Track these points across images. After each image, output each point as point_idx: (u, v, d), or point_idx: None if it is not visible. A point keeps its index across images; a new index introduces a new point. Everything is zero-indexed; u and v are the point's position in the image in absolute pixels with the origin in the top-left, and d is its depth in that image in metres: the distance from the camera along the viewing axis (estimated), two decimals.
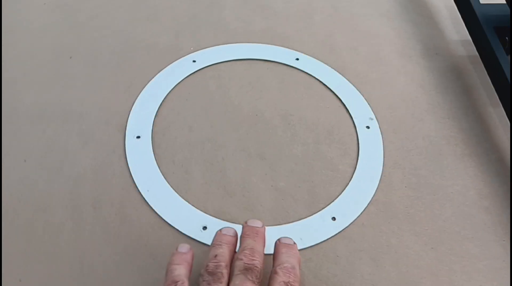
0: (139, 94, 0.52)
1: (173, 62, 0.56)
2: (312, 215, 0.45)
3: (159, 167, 0.47)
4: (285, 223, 0.45)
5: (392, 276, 0.42)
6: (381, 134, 0.52)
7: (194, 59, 0.56)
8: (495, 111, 0.55)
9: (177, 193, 0.46)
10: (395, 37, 0.63)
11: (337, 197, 0.47)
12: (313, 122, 0.52)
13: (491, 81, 0.54)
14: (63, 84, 0.53)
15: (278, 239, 0.40)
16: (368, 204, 0.46)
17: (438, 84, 0.58)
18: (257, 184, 0.47)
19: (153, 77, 0.54)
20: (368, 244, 0.44)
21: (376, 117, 0.53)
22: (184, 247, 0.38)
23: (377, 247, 0.43)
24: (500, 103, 0.52)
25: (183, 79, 0.54)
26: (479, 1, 0.57)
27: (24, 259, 0.41)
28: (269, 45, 0.59)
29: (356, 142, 0.51)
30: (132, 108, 0.51)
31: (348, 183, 0.48)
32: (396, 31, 0.64)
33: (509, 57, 0.53)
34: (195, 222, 0.44)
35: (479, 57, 0.57)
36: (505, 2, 0.57)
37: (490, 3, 0.57)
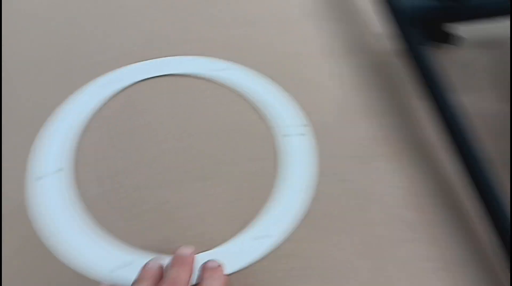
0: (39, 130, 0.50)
1: (92, 82, 0.53)
2: (241, 235, 0.44)
3: (84, 203, 0.45)
4: (213, 247, 0.43)
5: None
6: (312, 141, 0.51)
7: (118, 78, 0.54)
8: (420, 104, 0.55)
9: (93, 231, 0.43)
10: (320, 37, 0.62)
11: (268, 213, 0.46)
12: (239, 137, 0.51)
13: (413, 74, 0.53)
14: None
15: (202, 264, 0.39)
16: (301, 218, 0.46)
17: (367, 83, 0.57)
18: (180, 210, 0.45)
19: (63, 103, 0.51)
20: (303, 261, 0.43)
21: (306, 123, 0.53)
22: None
23: (313, 263, 0.43)
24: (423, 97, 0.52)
25: (105, 101, 0.52)
26: None
27: None
28: (187, 57, 0.57)
29: (285, 152, 0.50)
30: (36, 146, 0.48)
31: (279, 197, 0.47)
32: (322, 31, 0.63)
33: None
34: (115, 261, 0.41)
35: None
36: None
37: None
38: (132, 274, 0.39)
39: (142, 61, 0.56)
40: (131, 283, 0.37)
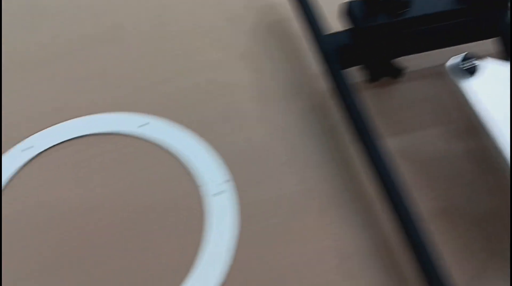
0: None
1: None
2: None
3: None
4: None
5: None
6: (235, 199, 0.47)
7: (24, 148, 0.50)
8: (356, 152, 0.50)
9: None
10: (253, 80, 0.58)
11: None
12: (156, 201, 0.47)
13: (343, 117, 0.49)
14: None
15: None
16: None
17: (300, 129, 0.53)
18: None
19: None
20: None
21: (231, 179, 0.48)
22: None
23: None
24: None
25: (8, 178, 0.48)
26: (321, 32, 0.53)
27: None
28: (103, 114, 0.53)
29: (202, 216, 0.46)
30: None
31: (192, 270, 0.42)
32: (255, 74, 0.58)
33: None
34: None
35: None
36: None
37: (335, 31, 0.53)
38: None
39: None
40: None
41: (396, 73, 0.56)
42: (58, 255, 0.43)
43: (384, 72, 0.56)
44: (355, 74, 0.53)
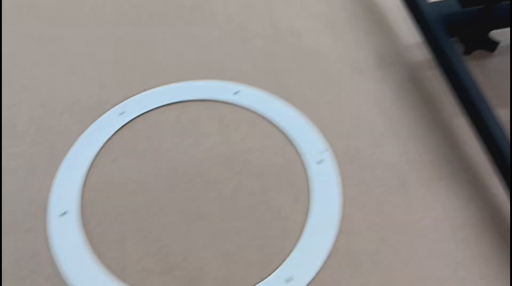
0: (61, 163, 0.47)
1: (98, 117, 0.50)
2: (266, 278, 0.40)
3: (90, 246, 0.41)
4: None
5: None
6: (336, 168, 0.46)
7: (123, 110, 0.51)
8: (461, 123, 0.49)
9: (113, 275, 0.40)
10: (344, 50, 0.57)
11: (291, 252, 0.41)
12: (258, 166, 0.47)
13: (449, 88, 0.48)
14: None
15: None
16: (327, 256, 0.41)
17: (396, 99, 0.52)
18: (201, 251, 0.41)
19: (76, 140, 0.48)
20: None
21: (329, 148, 0.48)
22: None
23: None
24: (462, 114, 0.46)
25: (110, 137, 0.49)
26: (426, 0, 0.51)
27: None
28: (204, 81, 0.53)
29: (307, 182, 0.45)
30: (55, 181, 0.45)
31: (302, 234, 0.42)
32: (344, 44, 0.58)
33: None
34: None
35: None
36: None
37: (438, 0, 0.51)
38: None
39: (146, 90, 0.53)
40: None
41: (493, 46, 0.55)
42: (160, 214, 0.44)
43: (479, 45, 0.55)
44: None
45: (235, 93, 0.52)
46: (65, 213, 0.43)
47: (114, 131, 0.49)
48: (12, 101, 0.52)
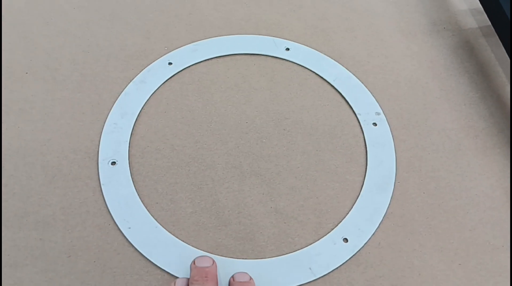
0: (109, 110, 0.45)
1: (145, 67, 0.48)
2: (320, 239, 0.40)
3: (140, 198, 0.41)
4: (290, 252, 0.39)
5: None
6: (391, 131, 0.45)
7: (170, 61, 0.49)
8: None
9: (164, 227, 0.39)
10: (396, 12, 0.55)
11: (347, 213, 0.41)
12: (311, 125, 0.46)
13: (509, 55, 0.47)
14: (19, 107, 0.45)
15: (232, 276, 0.36)
16: (382, 219, 0.41)
17: (449, 65, 0.51)
18: (254, 207, 0.41)
19: (123, 89, 0.46)
20: (387, 268, 0.38)
21: (383, 111, 0.47)
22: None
23: (398, 271, 0.38)
24: None
25: (158, 87, 0.47)
26: None
27: None
28: (254, 36, 0.52)
29: (363, 143, 0.45)
30: (104, 129, 0.44)
31: (358, 196, 0.42)
32: (396, 6, 0.56)
33: None
34: (188, 262, 0.38)
35: (492, 27, 0.50)
36: None
37: None
38: None
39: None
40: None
41: None
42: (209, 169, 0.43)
43: None
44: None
45: (286, 49, 0.51)
46: (115, 162, 0.42)
47: (163, 81, 0.47)
48: (52, 44, 0.50)
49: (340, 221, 0.40)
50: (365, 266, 0.38)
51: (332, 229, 0.40)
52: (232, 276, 0.36)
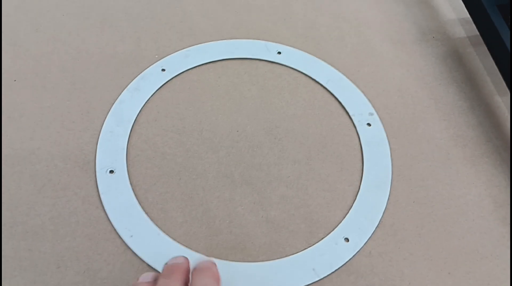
0: (102, 118, 0.45)
1: (136, 75, 0.48)
2: (309, 247, 0.40)
3: (141, 206, 0.40)
4: (279, 258, 0.39)
5: None
6: (384, 130, 0.46)
7: (163, 67, 0.49)
8: (504, 100, 0.49)
9: (167, 234, 0.39)
10: (385, 22, 0.56)
11: (340, 222, 0.41)
12: (303, 133, 0.46)
13: (497, 65, 0.47)
14: (7, 115, 0.45)
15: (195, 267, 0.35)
16: (375, 229, 0.41)
17: (438, 74, 0.51)
18: (245, 216, 0.41)
19: (115, 96, 0.46)
20: (377, 278, 0.38)
21: (374, 112, 0.47)
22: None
23: (388, 280, 0.38)
24: (508, 91, 0.46)
25: (153, 94, 0.47)
26: None
27: None
28: (246, 40, 0.52)
29: (358, 144, 0.45)
30: (100, 137, 0.44)
31: (356, 196, 0.42)
32: (386, 15, 0.56)
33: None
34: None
35: (480, 37, 0.50)
36: None
37: None
38: None
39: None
40: None
41: None
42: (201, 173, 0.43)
43: None
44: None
45: (278, 53, 0.51)
46: (113, 171, 0.42)
47: (158, 87, 0.47)
48: (41, 51, 0.49)
49: (331, 231, 0.40)
50: (356, 276, 0.38)
51: (322, 238, 0.40)
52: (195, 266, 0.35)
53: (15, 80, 0.47)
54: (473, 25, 0.52)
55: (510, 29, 0.47)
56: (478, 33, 0.51)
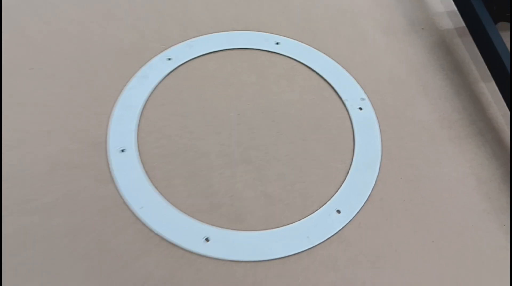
0: (112, 104, 0.48)
1: (141, 65, 0.51)
2: (304, 218, 0.43)
3: (151, 181, 0.44)
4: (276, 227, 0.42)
5: (394, 281, 0.40)
6: (374, 117, 0.49)
7: (169, 57, 0.52)
8: (487, 87, 0.53)
9: (174, 206, 0.43)
10: (378, 13, 0.59)
11: (332, 196, 0.44)
12: (299, 116, 0.49)
13: (481, 54, 0.51)
14: (19, 101, 0.48)
15: None
16: (364, 202, 0.44)
17: (426, 62, 0.54)
18: (245, 191, 0.44)
19: (122, 84, 0.50)
20: (367, 247, 0.41)
21: (364, 97, 0.50)
22: None
23: (376, 249, 0.41)
24: (491, 77, 0.49)
25: (160, 81, 0.50)
26: None
27: None
28: (245, 32, 0.55)
29: (350, 127, 0.48)
30: (111, 120, 0.47)
31: (347, 173, 0.45)
32: (378, 7, 0.60)
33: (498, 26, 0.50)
34: (197, 236, 0.41)
35: (466, 28, 0.54)
36: None
37: None
38: None
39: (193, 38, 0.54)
40: None
41: None
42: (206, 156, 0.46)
43: (504, 16, 0.57)
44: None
45: (276, 43, 0.54)
46: (124, 150, 0.45)
47: (164, 75, 0.50)
48: (48, 42, 0.53)
49: (324, 204, 0.44)
50: (346, 245, 0.41)
51: (316, 210, 0.43)
52: None
53: (28, 69, 0.50)
54: (460, 17, 0.55)
55: (493, 20, 0.50)
56: (464, 24, 0.54)
